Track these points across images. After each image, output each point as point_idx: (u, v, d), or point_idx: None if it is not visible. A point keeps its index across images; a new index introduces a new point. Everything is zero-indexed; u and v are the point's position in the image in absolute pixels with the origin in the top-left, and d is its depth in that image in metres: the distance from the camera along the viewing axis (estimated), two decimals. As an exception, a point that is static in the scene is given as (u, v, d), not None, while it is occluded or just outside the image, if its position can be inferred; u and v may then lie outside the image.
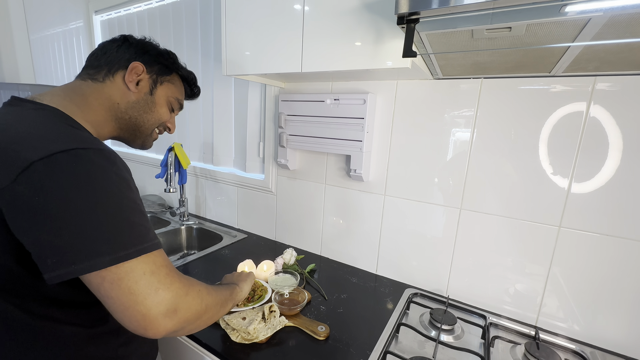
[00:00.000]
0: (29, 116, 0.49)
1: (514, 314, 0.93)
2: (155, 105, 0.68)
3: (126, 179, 0.48)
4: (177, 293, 0.46)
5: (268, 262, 1.07)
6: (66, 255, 0.40)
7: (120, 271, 0.42)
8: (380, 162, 1.09)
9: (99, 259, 0.41)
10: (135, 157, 1.93)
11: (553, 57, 0.68)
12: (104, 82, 0.61)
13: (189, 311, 0.47)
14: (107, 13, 1.83)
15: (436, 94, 0.96)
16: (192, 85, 0.77)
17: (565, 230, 0.84)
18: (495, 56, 0.71)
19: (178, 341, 0.85)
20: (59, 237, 0.40)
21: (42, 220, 0.40)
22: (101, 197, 0.43)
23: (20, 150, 0.41)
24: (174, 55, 0.72)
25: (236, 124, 1.46)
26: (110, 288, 0.42)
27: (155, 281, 0.44)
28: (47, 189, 0.40)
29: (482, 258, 0.96)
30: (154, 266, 0.45)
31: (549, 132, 0.82)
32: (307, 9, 0.82)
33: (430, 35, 0.63)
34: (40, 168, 0.40)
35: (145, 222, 0.48)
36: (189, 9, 1.47)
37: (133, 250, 0.43)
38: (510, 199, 0.89)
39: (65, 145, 0.42)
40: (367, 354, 0.75)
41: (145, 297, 0.43)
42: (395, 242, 1.10)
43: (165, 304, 0.44)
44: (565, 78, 0.79)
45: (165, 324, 0.44)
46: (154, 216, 1.64)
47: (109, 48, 0.64)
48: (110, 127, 0.63)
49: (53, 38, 1.79)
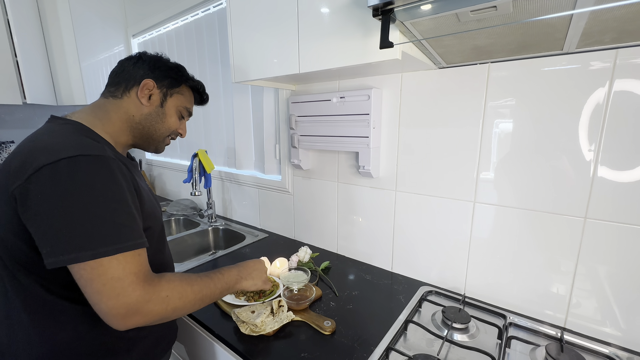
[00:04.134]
0: (56, 130, 0.59)
1: (538, 314, 0.85)
2: (165, 116, 0.74)
3: (119, 183, 0.54)
4: (137, 300, 0.50)
5: (282, 259, 1.11)
6: (56, 247, 0.48)
7: (94, 271, 0.48)
8: (389, 157, 1.07)
9: (81, 253, 0.47)
10: (170, 165, 2.10)
11: (557, 33, 0.62)
12: (122, 98, 0.69)
13: (149, 315, 0.52)
14: (142, 36, 2.03)
15: (442, 84, 0.92)
16: (200, 93, 0.83)
17: (592, 222, 0.76)
18: (493, 38, 0.67)
19: (194, 329, 0.91)
20: (51, 230, 0.48)
21: (40, 214, 0.48)
22: (90, 198, 0.49)
23: (38, 156, 0.50)
24: (182, 68, 0.77)
25: (254, 128, 1.53)
26: (85, 284, 0.49)
27: (118, 287, 0.49)
28: (47, 189, 0.48)
29: (500, 254, 0.90)
30: (122, 272, 0.50)
31: (567, 113, 0.75)
32: (300, 12, 0.84)
33: (415, 23, 0.62)
34: (46, 171, 0.49)
35: (131, 222, 0.53)
36: (208, 24, 1.57)
37: (112, 248, 0.49)
38: (527, 190, 0.83)
39: (70, 153, 0.50)
40: (371, 350, 0.74)
41: (108, 299, 0.48)
42: (409, 239, 1.08)
43: (123, 308, 0.49)
44: (580, 54, 0.72)
45: (124, 323, 0.50)
46: (186, 218, 1.77)
47: (126, 66, 0.71)
48: (126, 136, 0.71)
49: (100, 63, 2.03)
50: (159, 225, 0.72)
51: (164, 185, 2.23)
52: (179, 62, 0.78)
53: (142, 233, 0.56)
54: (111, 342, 0.62)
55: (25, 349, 0.57)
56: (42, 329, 0.57)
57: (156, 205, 0.73)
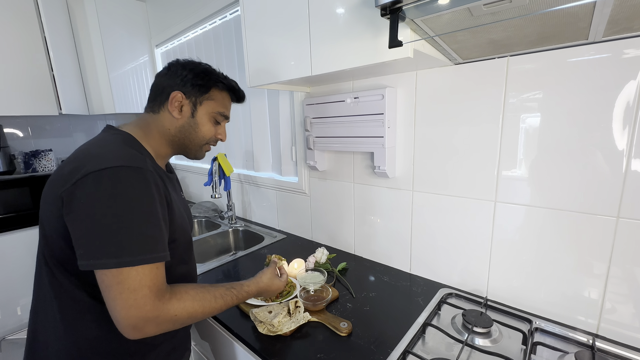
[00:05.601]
0: (108, 139, 0.64)
1: (567, 319, 0.81)
2: (197, 126, 0.74)
3: (152, 196, 0.57)
4: (146, 316, 0.53)
5: (299, 260, 1.12)
6: (88, 250, 0.51)
7: (114, 279, 0.51)
8: (405, 157, 1.05)
9: (108, 260, 0.51)
10: (192, 169, 2.17)
11: (580, 22, 0.59)
12: (159, 113, 0.72)
13: (156, 328, 0.55)
14: (164, 45, 2.12)
15: (458, 80, 0.89)
16: (234, 91, 0.79)
17: (625, 222, 0.71)
18: (510, 31, 0.64)
19: (216, 328, 0.94)
20: (87, 234, 0.51)
21: (80, 217, 0.52)
22: (125, 208, 0.53)
23: (87, 164, 0.55)
24: (209, 72, 0.74)
25: (271, 131, 1.55)
26: (104, 290, 0.53)
27: (131, 299, 0.52)
28: (90, 194, 0.52)
29: (525, 255, 0.86)
30: (138, 284, 0.52)
31: (597, 105, 0.71)
32: (311, 14, 0.85)
33: (426, 20, 0.61)
34: (91, 178, 0.53)
35: (157, 235, 0.56)
36: (225, 31, 1.62)
37: (136, 258, 0.52)
38: (552, 188, 0.79)
39: (114, 163, 0.54)
40: (388, 353, 0.73)
41: (122, 309, 0.52)
42: (428, 240, 1.05)
43: (132, 320, 0.52)
44: (609, 43, 0.67)
45: (134, 334, 0.53)
46: (208, 220, 1.83)
47: (158, 79, 0.73)
48: (166, 148, 0.75)
49: (127, 73, 2.14)
50: (186, 238, 0.74)
51: (187, 188, 2.32)
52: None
53: (165, 246, 0.58)
54: (130, 345, 0.64)
55: (53, 340, 0.62)
56: (68, 323, 0.61)
57: (186, 218, 0.75)
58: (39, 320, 0.64)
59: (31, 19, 1.77)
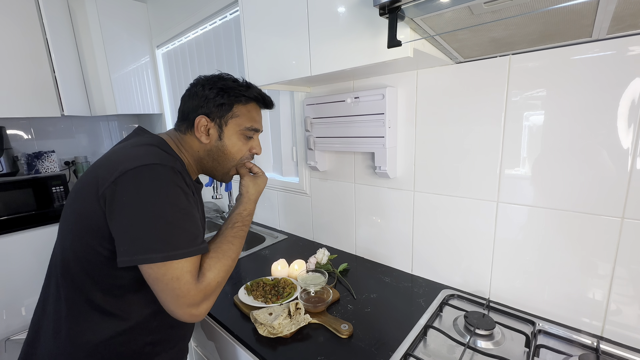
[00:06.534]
0: (142, 140, 0.66)
1: (572, 321, 0.80)
2: (226, 148, 0.72)
3: (185, 191, 0.59)
4: (194, 300, 0.56)
5: (299, 261, 1.11)
6: (132, 246, 0.53)
7: (160, 271, 0.54)
8: (406, 157, 1.04)
9: (153, 255, 0.53)
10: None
11: (584, 20, 0.57)
12: (186, 135, 0.72)
13: (208, 303, 0.59)
14: (165, 46, 2.12)
15: (460, 79, 0.88)
16: (260, 99, 0.75)
17: (630, 222, 0.69)
18: (512, 29, 0.63)
19: (215, 330, 0.94)
20: (131, 230, 0.53)
21: (123, 213, 0.54)
22: (164, 204, 0.55)
23: (125, 162, 0.56)
24: (229, 86, 0.70)
25: (272, 131, 1.55)
26: (153, 282, 0.55)
27: (177, 289, 0.54)
28: (130, 191, 0.54)
29: (528, 256, 0.85)
30: (181, 272, 0.55)
31: (602, 104, 0.70)
32: (310, 14, 0.84)
33: (426, 19, 0.60)
34: (130, 175, 0.55)
35: (195, 229, 0.59)
36: (225, 32, 1.62)
37: (180, 252, 0.54)
38: (555, 188, 0.78)
39: (149, 160, 0.56)
40: (389, 355, 0.73)
41: (171, 300, 0.55)
42: (429, 240, 1.04)
43: (185, 308, 0.56)
44: (613, 40, 0.66)
45: (192, 318, 0.57)
46: (209, 221, 1.83)
47: (182, 103, 0.73)
48: (194, 167, 0.75)
49: (129, 74, 2.15)
50: None
51: (189, 188, 2.31)
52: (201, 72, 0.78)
53: (203, 239, 0.61)
54: (128, 355, 0.64)
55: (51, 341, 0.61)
56: (70, 327, 0.61)
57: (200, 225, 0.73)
58: (45, 318, 0.64)
59: (33, 21, 1.77)
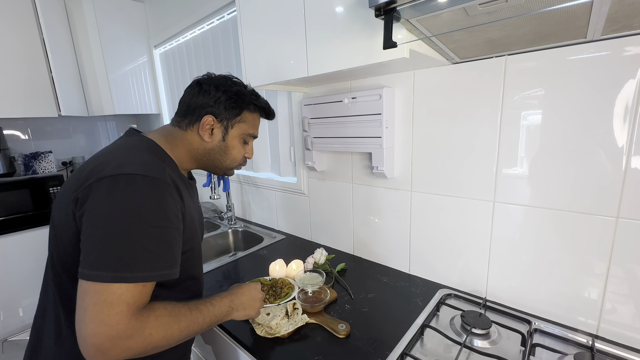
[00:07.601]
0: (131, 144, 0.63)
1: (567, 320, 0.80)
2: (228, 149, 0.73)
3: (165, 209, 0.54)
4: (118, 335, 0.47)
5: (297, 261, 1.11)
6: (86, 258, 0.50)
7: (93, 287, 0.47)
8: (404, 157, 1.05)
9: (104, 273, 0.47)
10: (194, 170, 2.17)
11: (578, 21, 0.58)
12: (186, 131, 0.70)
13: (126, 352, 0.48)
14: (163, 46, 2.11)
15: (456, 80, 0.89)
16: (265, 110, 0.78)
17: (625, 222, 0.70)
18: (507, 30, 0.63)
19: (213, 330, 0.94)
20: (91, 240, 0.50)
21: (89, 221, 0.51)
22: (133, 219, 0.50)
23: (106, 167, 0.54)
24: (242, 94, 0.71)
25: (270, 131, 1.55)
26: (78, 295, 0.48)
27: (104, 314, 0.46)
28: (102, 199, 0.51)
29: (525, 256, 0.85)
30: (117, 299, 0.47)
31: (597, 103, 0.70)
32: (307, 15, 0.84)
33: (422, 20, 0.60)
34: (106, 182, 0.52)
35: (160, 251, 0.53)
36: (223, 32, 1.62)
37: (132, 275, 0.48)
38: (550, 188, 0.78)
39: (131, 170, 0.53)
40: (386, 355, 0.73)
41: (90, 322, 0.46)
42: (426, 240, 1.05)
43: (99, 339, 0.46)
44: (608, 41, 0.66)
45: (95, 356, 0.46)
46: (207, 221, 1.83)
47: (190, 97, 0.70)
48: (190, 163, 0.73)
49: (126, 74, 2.14)
50: (196, 247, 0.71)
51: (187, 188, 2.31)
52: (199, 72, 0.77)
53: (170, 263, 0.55)
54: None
55: (52, 345, 0.61)
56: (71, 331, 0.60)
57: (197, 228, 0.72)
58: (45, 323, 0.63)
59: (30, 21, 1.77)
